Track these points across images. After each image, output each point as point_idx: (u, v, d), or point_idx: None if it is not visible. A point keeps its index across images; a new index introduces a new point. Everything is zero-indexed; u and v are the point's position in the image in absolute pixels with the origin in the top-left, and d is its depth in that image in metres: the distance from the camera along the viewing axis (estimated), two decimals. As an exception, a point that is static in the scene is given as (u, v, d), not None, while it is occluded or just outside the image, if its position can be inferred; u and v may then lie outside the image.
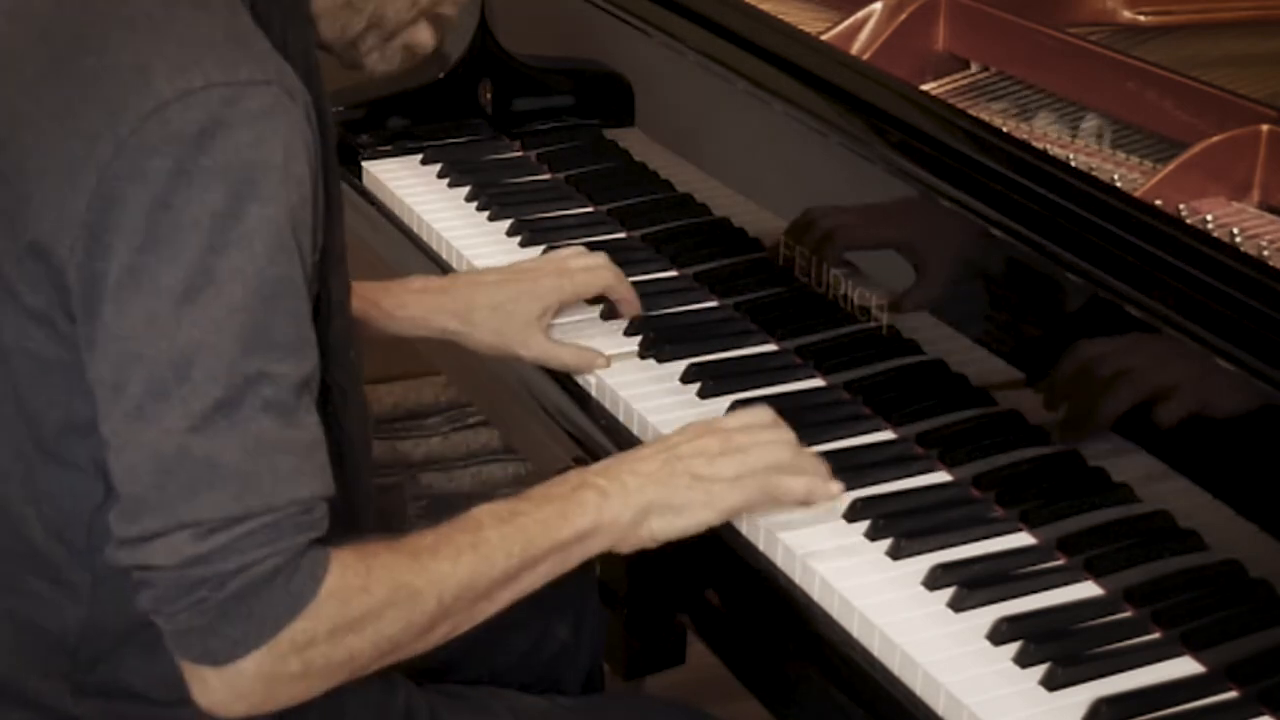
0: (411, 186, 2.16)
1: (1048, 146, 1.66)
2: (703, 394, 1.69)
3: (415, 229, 2.09)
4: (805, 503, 1.47)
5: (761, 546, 1.48)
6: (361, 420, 1.47)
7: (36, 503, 1.35)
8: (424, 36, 1.49)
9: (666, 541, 1.44)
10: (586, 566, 1.79)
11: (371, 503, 1.52)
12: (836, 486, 1.47)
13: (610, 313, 1.82)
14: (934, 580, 1.41)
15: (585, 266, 1.79)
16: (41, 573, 1.37)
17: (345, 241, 1.42)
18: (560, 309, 1.78)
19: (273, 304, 1.24)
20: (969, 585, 1.40)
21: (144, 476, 1.23)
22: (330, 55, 1.46)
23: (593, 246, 1.98)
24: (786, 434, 1.49)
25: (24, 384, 1.33)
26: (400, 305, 1.73)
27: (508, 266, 1.83)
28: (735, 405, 1.65)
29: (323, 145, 1.33)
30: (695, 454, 1.45)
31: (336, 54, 1.47)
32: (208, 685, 1.26)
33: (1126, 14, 1.93)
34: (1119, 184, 1.58)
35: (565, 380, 1.76)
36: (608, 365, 1.74)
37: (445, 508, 2.97)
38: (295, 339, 1.26)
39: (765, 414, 1.51)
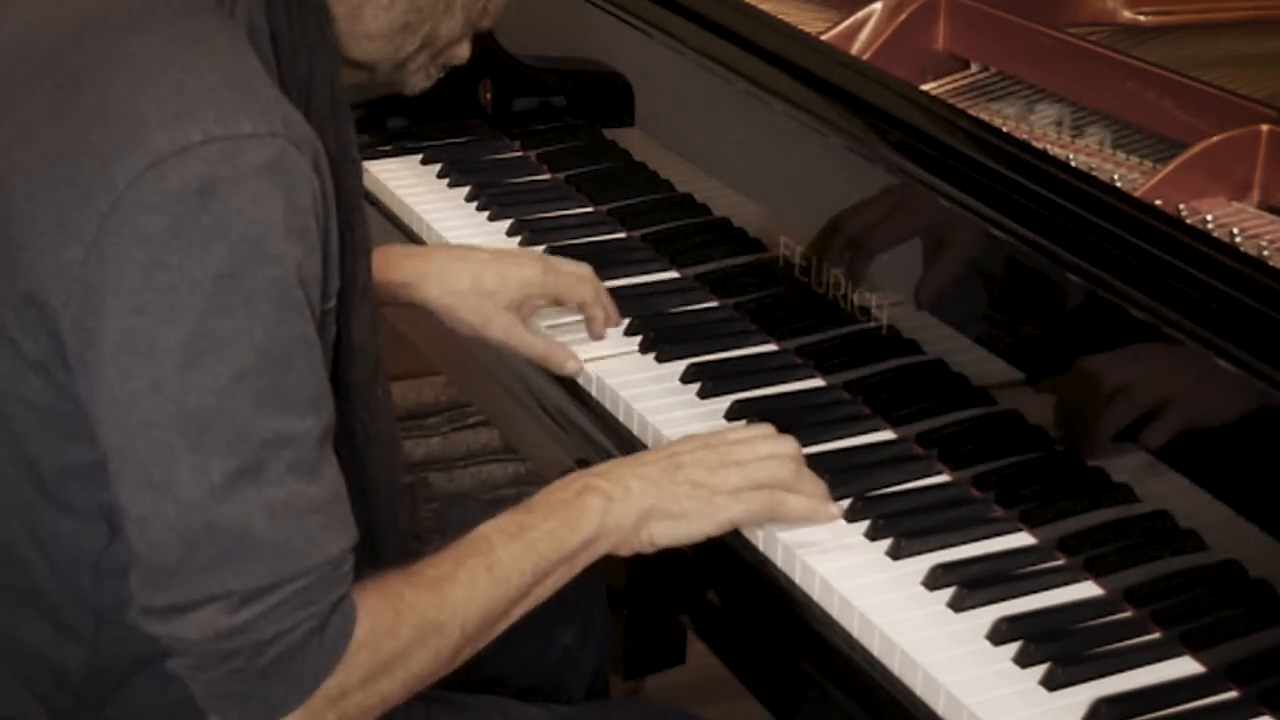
0: (411, 186, 2.16)
1: (1048, 146, 1.66)
2: (703, 394, 1.69)
3: (415, 229, 2.09)
4: (805, 522, 1.47)
5: (762, 547, 1.48)
6: (390, 460, 1.44)
7: (40, 546, 1.33)
8: (464, 51, 1.48)
9: (665, 548, 1.45)
10: (594, 574, 1.80)
11: (405, 545, 1.48)
12: (836, 509, 1.48)
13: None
14: (934, 580, 1.41)
15: (571, 272, 1.77)
16: (44, 614, 1.35)
17: (371, 280, 1.38)
18: (538, 304, 1.76)
19: (284, 364, 1.21)
20: (969, 585, 1.40)
21: (168, 549, 1.20)
22: (365, 73, 1.44)
23: (593, 246, 1.99)
24: (787, 449, 1.49)
25: (21, 430, 1.30)
26: (388, 265, 1.69)
27: (495, 249, 1.83)
28: (735, 405, 1.66)
29: (345, 185, 1.30)
30: (696, 464, 1.45)
31: (379, 74, 1.44)
32: None
33: (1126, 14, 1.93)
34: (1119, 184, 1.58)
35: (565, 380, 1.75)
36: (579, 371, 1.73)
37: (452, 508, 2.98)
38: (313, 394, 1.23)
39: (767, 430, 1.52)
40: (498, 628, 1.37)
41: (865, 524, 1.48)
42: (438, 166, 2.20)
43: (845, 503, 1.50)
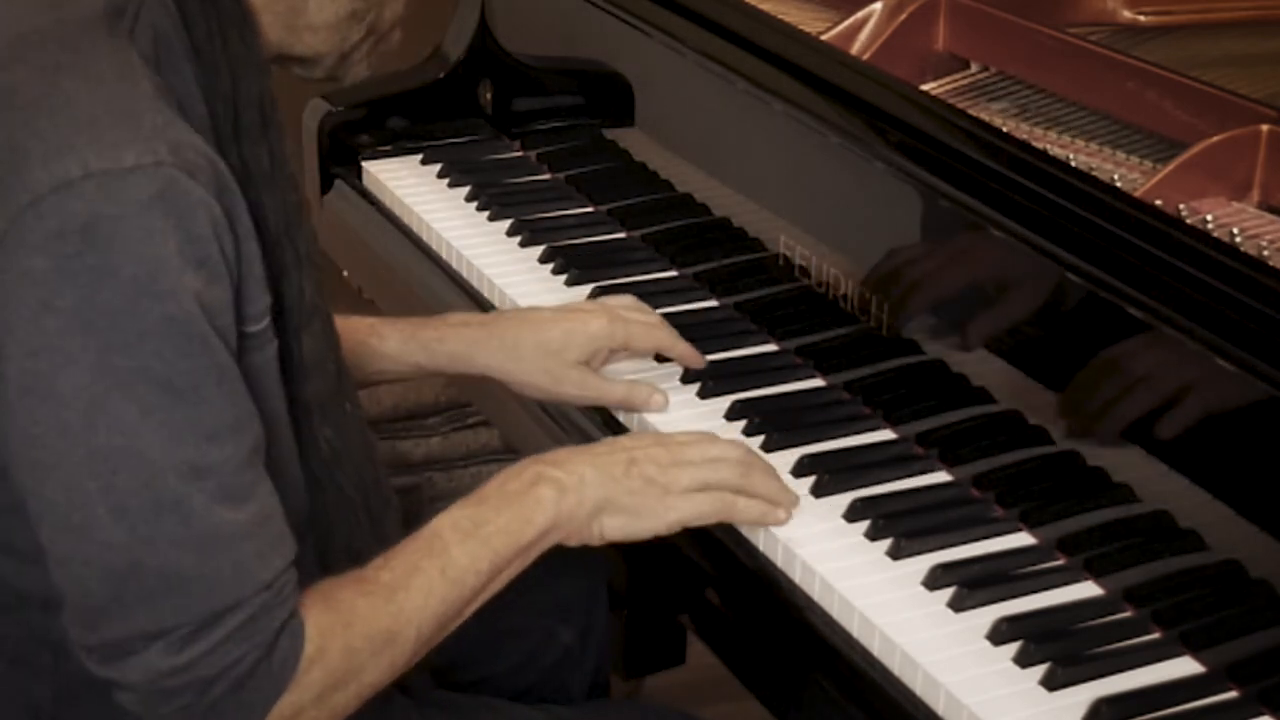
0: (411, 186, 2.16)
1: (1048, 146, 1.66)
2: (703, 394, 1.69)
3: (415, 229, 2.09)
4: (758, 524, 1.47)
5: (761, 547, 1.48)
6: (364, 474, 1.41)
7: None
8: (397, 35, 1.44)
9: (615, 542, 1.44)
10: (595, 574, 1.80)
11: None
12: (786, 512, 1.48)
13: (689, 376, 1.71)
14: (934, 580, 1.41)
15: (640, 320, 1.68)
16: (2, 650, 1.32)
17: (322, 296, 1.34)
18: (610, 357, 1.68)
19: (192, 395, 1.17)
20: (969, 585, 1.40)
21: (95, 590, 1.17)
22: (301, 73, 1.40)
23: (593, 246, 1.99)
24: (734, 453, 1.48)
25: None
26: (439, 339, 1.64)
27: (556, 306, 1.74)
28: (735, 405, 1.65)
29: (279, 200, 1.27)
30: (648, 460, 1.44)
31: (319, 69, 1.40)
32: None
33: (1126, 14, 1.93)
34: (1119, 184, 1.58)
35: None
36: (666, 404, 1.65)
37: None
38: (230, 420, 1.19)
39: (715, 436, 1.51)
40: (452, 627, 1.35)
41: (865, 524, 1.48)
42: (438, 166, 2.20)
43: (845, 503, 1.50)
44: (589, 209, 2.09)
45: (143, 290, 1.14)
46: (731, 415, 1.65)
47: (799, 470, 1.55)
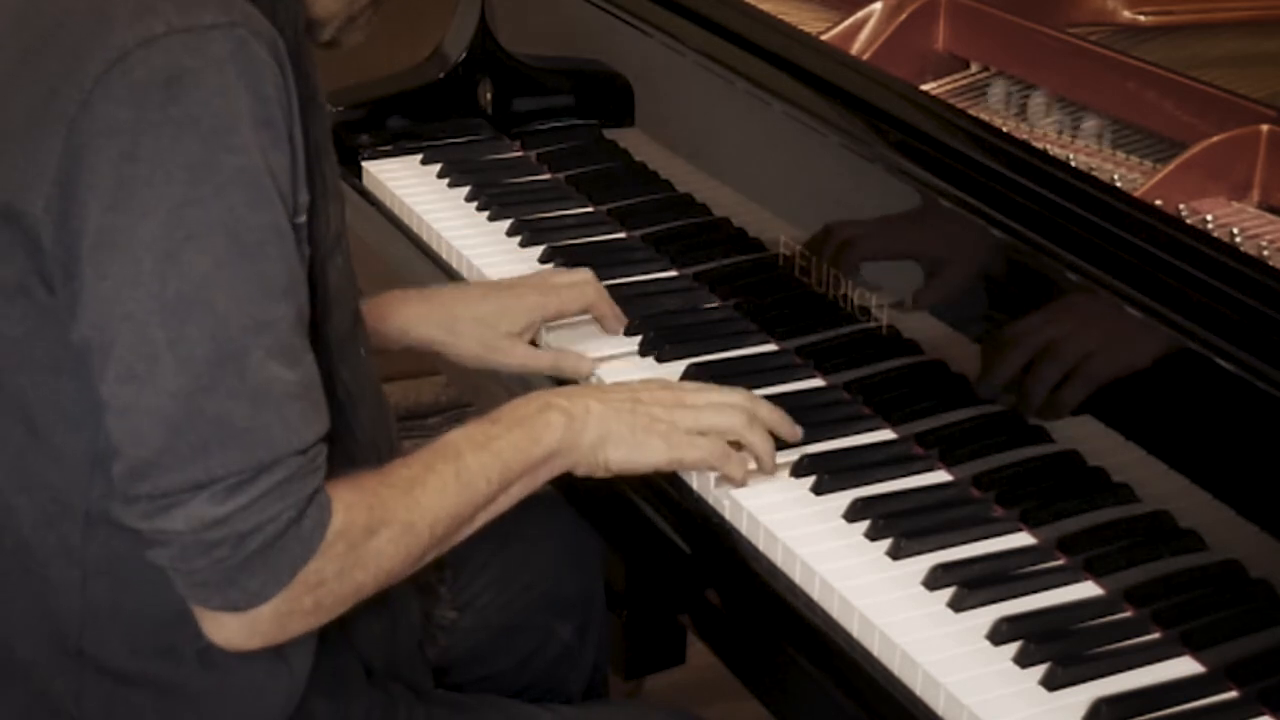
0: (411, 186, 2.16)
1: (1048, 146, 1.66)
2: (703, 394, 1.69)
3: (415, 229, 2.09)
4: (753, 473, 1.53)
5: (762, 547, 1.49)
6: (377, 417, 1.47)
7: (27, 491, 1.34)
8: None
9: (619, 473, 1.50)
10: (593, 572, 1.80)
11: None
12: (772, 466, 1.54)
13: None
14: (934, 580, 1.41)
15: (569, 283, 1.78)
16: (30, 568, 1.36)
17: (344, 229, 1.41)
18: (542, 325, 1.77)
19: (258, 251, 1.23)
20: (969, 585, 1.40)
21: (152, 439, 1.23)
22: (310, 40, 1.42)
23: (593, 246, 1.99)
24: (738, 399, 1.54)
25: (5, 367, 1.31)
26: (381, 317, 1.70)
27: (491, 281, 1.86)
28: (735, 405, 1.66)
29: (319, 121, 1.33)
30: (654, 401, 1.51)
31: (326, 33, 1.44)
32: (225, 627, 1.29)
33: (1126, 14, 1.93)
34: (1119, 184, 1.58)
35: (565, 382, 1.75)
36: (592, 370, 1.73)
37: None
38: (286, 282, 1.26)
39: (719, 386, 1.58)
40: (463, 532, 1.41)
41: (865, 524, 1.48)
42: (438, 166, 2.20)
43: (845, 503, 1.50)
44: (589, 209, 2.09)
45: (220, 142, 1.20)
46: (731, 415, 1.65)
47: (799, 470, 1.55)
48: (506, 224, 2.05)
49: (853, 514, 1.49)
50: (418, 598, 1.56)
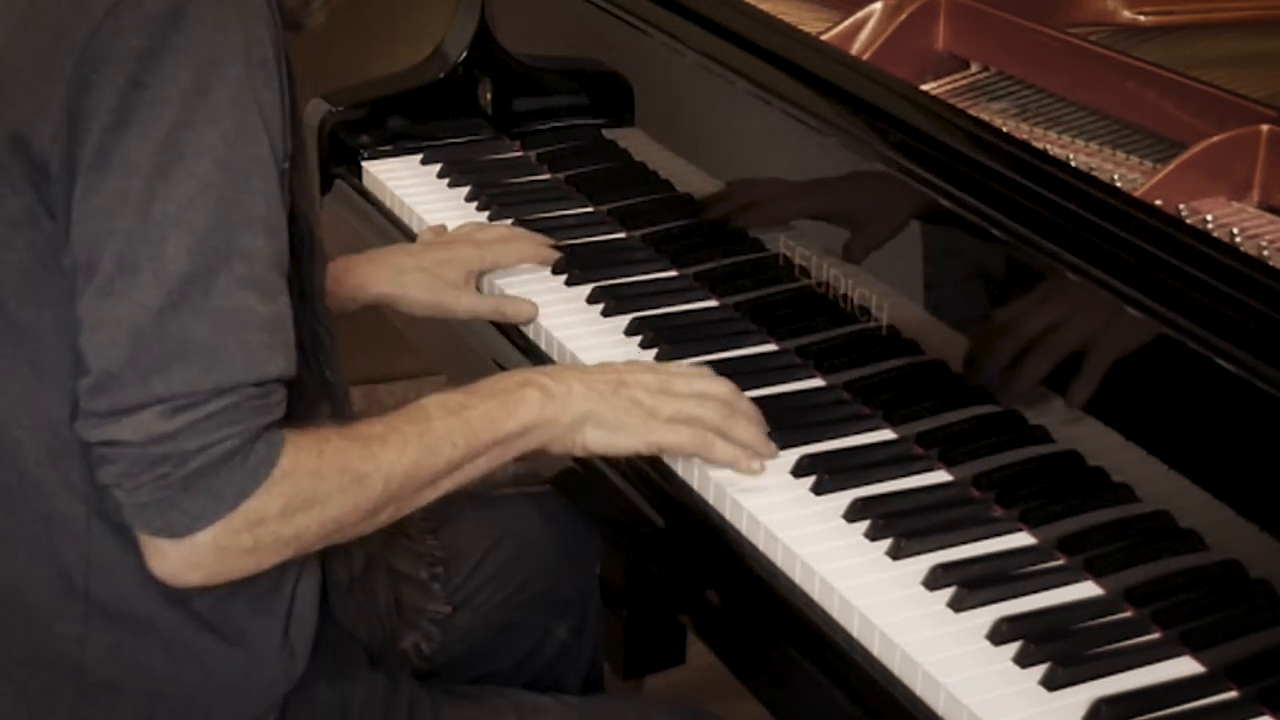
0: (411, 186, 2.16)
1: (1048, 146, 1.66)
2: (703, 394, 1.69)
3: (416, 229, 2.09)
4: (731, 466, 1.53)
5: (762, 546, 1.49)
6: (338, 373, 1.50)
7: (33, 428, 1.36)
8: None
9: (597, 455, 1.52)
10: (589, 570, 1.81)
11: None
12: (760, 464, 1.53)
13: (558, 267, 1.91)
14: (934, 580, 1.41)
15: (497, 238, 1.90)
16: (36, 505, 1.37)
17: (315, 194, 1.46)
18: (481, 275, 1.87)
19: (244, 181, 1.27)
20: (969, 585, 1.40)
21: (117, 351, 1.26)
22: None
23: (593, 246, 1.99)
24: (720, 391, 1.55)
25: (11, 299, 1.34)
26: (336, 281, 1.74)
27: (429, 239, 1.95)
28: (735, 405, 1.66)
29: (291, 80, 1.36)
30: (637, 385, 1.52)
31: (286, 16, 1.45)
32: (165, 556, 1.30)
33: (1126, 14, 1.93)
34: (1119, 184, 1.58)
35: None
36: (534, 314, 1.81)
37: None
38: (266, 215, 1.29)
39: (706, 371, 1.59)
40: (423, 495, 1.42)
41: (865, 524, 1.48)
42: (438, 166, 2.20)
43: (846, 503, 1.50)
44: (589, 209, 2.09)
45: (216, 73, 1.26)
46: (731, 415, 1.65)
47: (799, 470, 1.55)
48: (506, 224, 2.04)
49: (853, 514, 1.49)
50: (396, 582, 1.59)
